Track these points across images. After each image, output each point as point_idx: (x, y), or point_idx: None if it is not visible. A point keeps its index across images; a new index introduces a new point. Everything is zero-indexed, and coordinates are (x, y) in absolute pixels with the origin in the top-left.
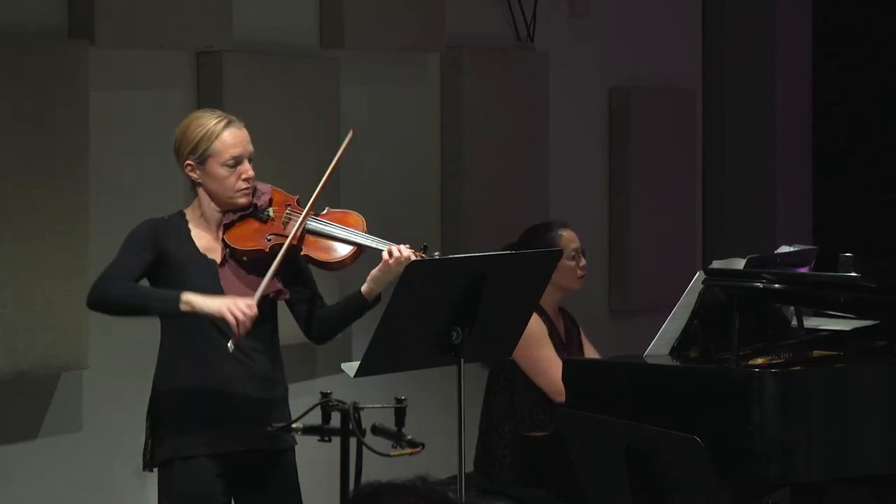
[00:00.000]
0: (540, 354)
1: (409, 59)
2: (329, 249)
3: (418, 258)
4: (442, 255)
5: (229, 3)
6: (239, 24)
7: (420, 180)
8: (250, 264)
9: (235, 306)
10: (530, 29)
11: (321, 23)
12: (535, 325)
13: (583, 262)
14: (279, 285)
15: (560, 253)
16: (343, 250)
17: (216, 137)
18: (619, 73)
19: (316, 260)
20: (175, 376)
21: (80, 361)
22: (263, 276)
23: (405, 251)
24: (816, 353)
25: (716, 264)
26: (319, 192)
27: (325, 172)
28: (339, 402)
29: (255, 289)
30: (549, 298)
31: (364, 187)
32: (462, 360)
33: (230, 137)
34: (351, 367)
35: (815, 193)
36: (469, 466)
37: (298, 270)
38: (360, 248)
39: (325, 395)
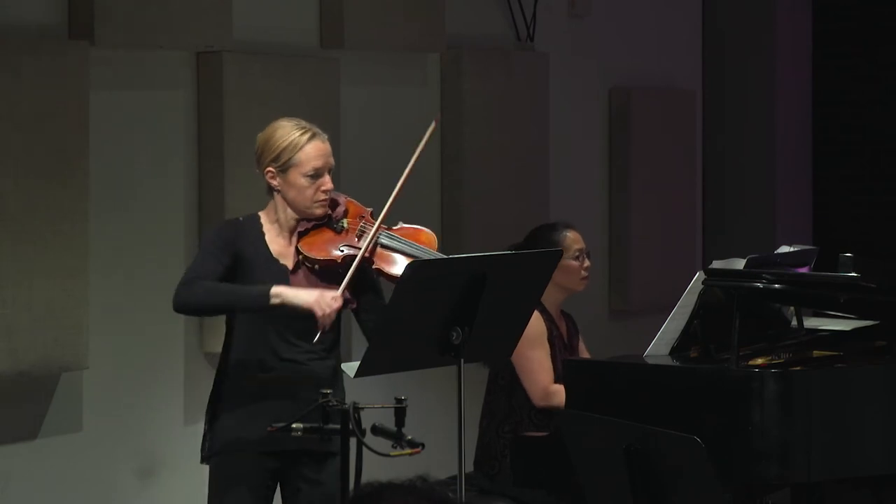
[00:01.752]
0: (531, 355)
1: (409, 60)
2: (400, 264)
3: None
4: (439, 253)
5: (229, 3)
6: (239, 24)
7: (420, 180)
8: (321, 273)
9: (323, 300)
10: (530, 29)
11: (321, 23)
12: (536, 325)
13: (587, 263)
14: (348, 294)
15: (560, 253)
16: None
17: (300, 149)
18: (619, 73)
19: (387, 274)
20: (237, 375)
21: (80, 361)
22: (333, 284)
23: None
24: (816, 353)
25: (716, 264)
26: (392, 205)
27: (397, 179)
28: (340, 402)
29: None
30: (551, 299)
31: (364, 187)
32: (462, 360)
33: (313, 150)
34: (351, 368)
35: (815, 193)
36: (469, 466)
37: (368, 282)
38: None
39: (325, 395)
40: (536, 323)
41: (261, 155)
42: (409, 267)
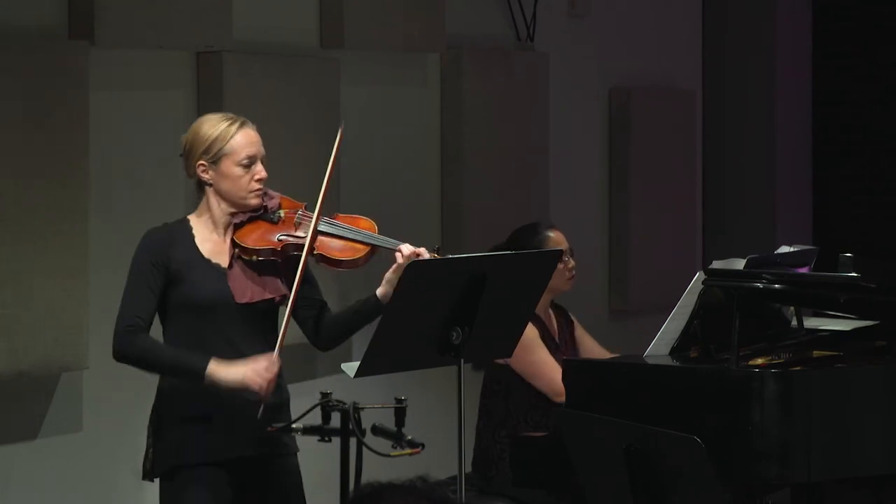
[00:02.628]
0: (534, 358)
1: (409, 60)
2: (343, 249)
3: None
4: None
5: (229, 3)
6: (239, 24)
7: (420, 180)
8: (259, 266)
9: (255, 372)
10: (530, 29)
11: (321, 23)
12: (528, 330)
13: (571, 263)
14: (285, 290)
15: (560, 253)
16: (356, 249)
17: (231, 137)
18: (619, 73)
19: (329, 258)
20: (178, 383)
21: (80, 361)
22: (272, 277)
23: (418, 249)
24: (816, 353)
25: (716, 264)
26: (327, 189)
27: (325, 172)
28: (339, 402)
29: (264, 290)
30: (539, 301)
31: (364, 187)
32: (462, 360)
33: (244, 137)
34: (351, 368)
35: (815, 193)
36: (469, 466)
37: (306, 276)
38: (372, 249)
39: (325, 395)
40: (528, 327)
41: (190, 150)
42: (409, 267)
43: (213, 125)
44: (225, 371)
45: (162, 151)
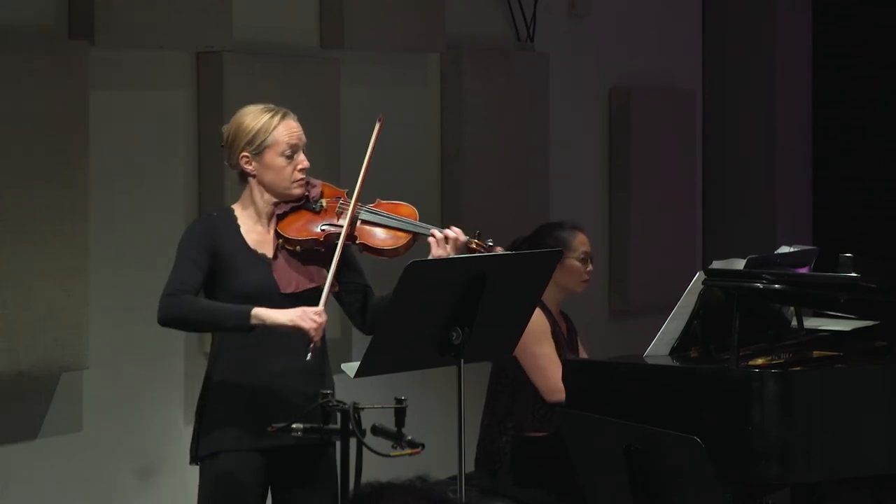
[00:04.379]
0: (539, 351)
1: (409, 60)
2: (384, 237)
3: (469, 241)
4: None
5: (229, 3)
6: (239, 24)
7: (420, 180)
8: (303, 255)
9: (307, 315)
10: (530, 29)
11: (321, 23)
12: (539, 321)
13: (590, 267)
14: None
15: (560, 253)
16: (398, 238)
17: (273, 129)
18: (619, 73)
19: (371, 247)
20: (225, 370)
21: (80, 361)
22: (317, 267)
23: (453, 232)
24: (816, 353)
25: (716, 264)
26: (364, 179)
27: (362, 162)
28: (340, 402)
29: (309, 280)
30: (552, 297)
31: (364, 187)
32: (462, 360)
33: (286, 128)
34: (351, 368)
35: (815, 193)
36: (470, 464)
37: (349, 262)
38: (414, 236)
39: (325, 395)
40: (540, 319)
41: (232, 142)
42: (409, 267)
43: (255, 117)
44: (273, 313)
45: (162, 151)
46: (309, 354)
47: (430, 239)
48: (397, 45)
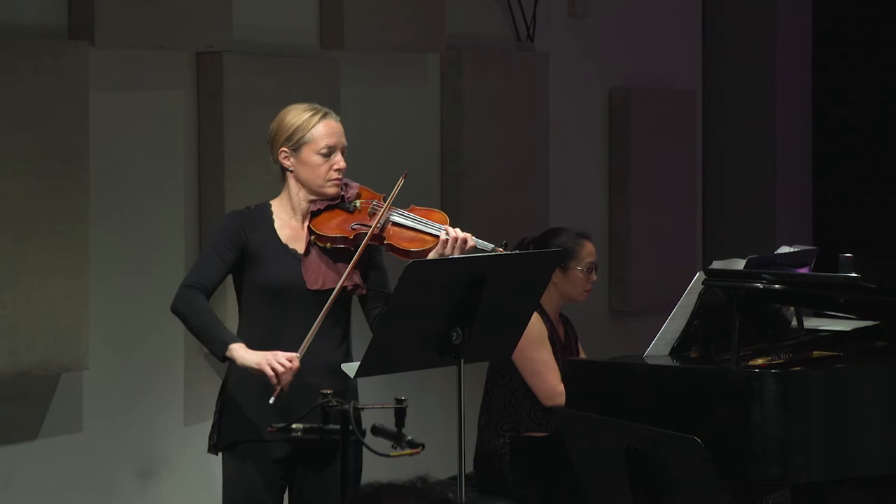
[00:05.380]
0: (536, 356)
1: (409, 60)
2: (412, 240)
3: (494, 250)
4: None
5: (229, 3)
6: (239, 24)
7: (420, 180)
8: (333, 253)
9: (275, 360)
10: (530, 29)
11: (321, 23)
12: (536, 325)
13: (594, 277)
14: (358, 279)
15: (560, 253)
16: (425, 241)
17: (312, 127)
18: (619, 74)
19: (398, 249)
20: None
21: (80, 361)
22: (345, 265)
23: (460, 233)
24: (816, 353)
25: (716, 264)
26: (401, 184)
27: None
28: (340, 402)
29: (337, 277)
30: (551, 302)
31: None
32: (462, 360)
33: (325, 128)
34: (351, 368)
35: (815, 193)
36: (469, 466)
37: (376, 269)
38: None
39: (325, 395)
40: (537, 324)
41: (274, 137)
42: (409, 267)
43: (297, 114)
44: (245, 352)
45: (162, 151)
46: (272, 399)
47: (441, 234)
48: (397, 44)
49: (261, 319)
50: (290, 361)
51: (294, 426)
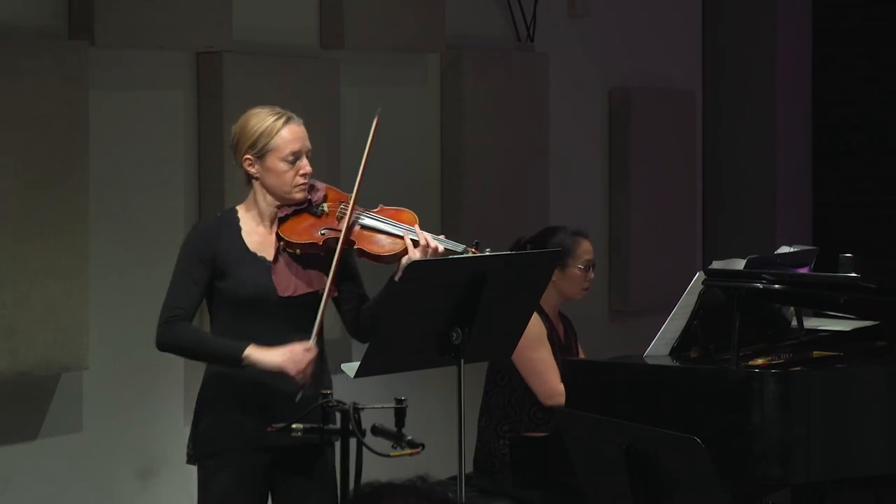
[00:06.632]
0: (535, 356)
1: (409, 60)
2: (382, 243)
3: (466, 250)
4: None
5: (229, 3)
6: (239, 24)
7: (420, 180)
8: (303, 259)
9: (292, 359)
10: (530, 29)
11: (321, 23)
12: (535, 325)
13: (591, 275)
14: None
15: (560, 253)
16: (395, 244)
17: (276, 133)
18: (619, 74)
19: (368, 253)
20: (222, 371)
21: (80, 362)
22: (316, 271)
23: (431, 241)
24: (816, 353)
25: (716, 264)
26: (361, 181)
27: (359, 163)
28: (340, 402)
29: (308, 284)
30: (550, 301)
31: (363, 187)
32: (462, 360)
33: (289, 133)
34: (351, 368)
35: (815, 193)
36: (469, 466)
37: (350, 270)
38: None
39: (325, 395)
40: (536, 324)
41: (237, 144)
42: (409, 267)
43: (260, 119)
44: (263, 354)
45: (162, 151)
46: (298, 397)
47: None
48: (397, 45)
49: (233, 328)
50: (308, 352)
51: (294, 426)
